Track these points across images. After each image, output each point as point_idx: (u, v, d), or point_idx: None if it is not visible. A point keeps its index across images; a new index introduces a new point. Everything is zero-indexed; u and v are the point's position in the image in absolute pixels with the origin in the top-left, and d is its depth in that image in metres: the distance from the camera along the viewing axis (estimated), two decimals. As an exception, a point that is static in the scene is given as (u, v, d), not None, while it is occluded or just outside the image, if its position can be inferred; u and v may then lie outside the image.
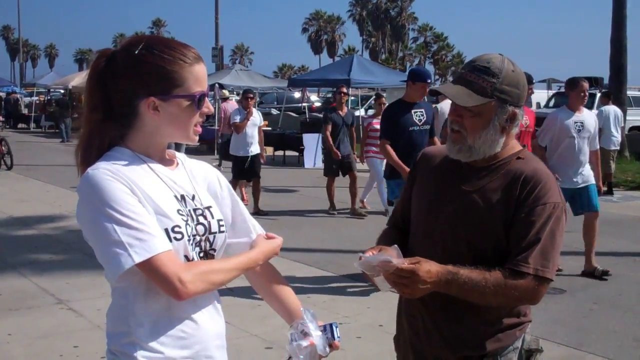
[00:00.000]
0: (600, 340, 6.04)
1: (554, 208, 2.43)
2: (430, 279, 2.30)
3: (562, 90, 27.16)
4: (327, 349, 2.17)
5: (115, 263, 1.89)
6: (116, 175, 1.96)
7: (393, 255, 2.28)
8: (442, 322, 2.58)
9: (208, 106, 2.11)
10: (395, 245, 2.32)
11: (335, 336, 2.20)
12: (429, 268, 2.31)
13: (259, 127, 12.24)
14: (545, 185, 2.46)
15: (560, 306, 6.83)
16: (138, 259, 1.88)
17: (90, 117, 2.09)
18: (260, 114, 12.60)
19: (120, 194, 1.93)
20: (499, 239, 2.46)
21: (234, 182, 11.88)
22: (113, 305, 2.08)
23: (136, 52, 2.04)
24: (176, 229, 2.02)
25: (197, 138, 2.14)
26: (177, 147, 12.82)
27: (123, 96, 2.04)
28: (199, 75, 2.06)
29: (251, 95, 12.25)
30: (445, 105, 16.02)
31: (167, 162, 2.17)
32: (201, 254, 2.11)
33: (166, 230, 1.99)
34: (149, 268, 1.91)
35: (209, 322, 2.14)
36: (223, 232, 2.18)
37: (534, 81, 9.70)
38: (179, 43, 2.09)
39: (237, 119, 11.89)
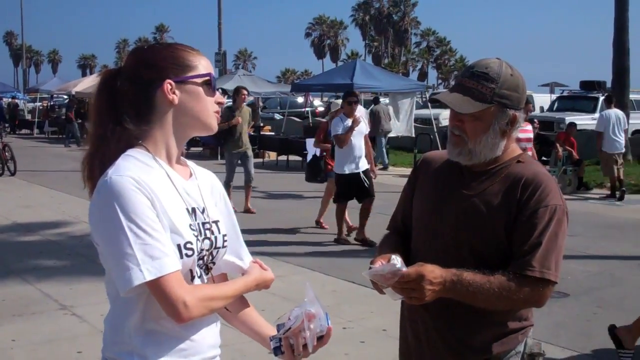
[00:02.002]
0: (604, 344, 6.02)
1: (555, 210, 2.44)
2: (436, 279, 2.30)
3: (565, 94, 27.29)
4: (325, 328, 2.16)
5: (126, 277, 1.87)
6: (140, 185, 1.93)
7: (398, 264, 2.28)
8: (444, 328, 2.57)
9: (219, 96, 2.14)
10: (396, 255, 2.31)
11: (329, 322, 2.18)
12: (432, 269, 2.31)
13: (365, 136, 10.26)
14: (545, 188, 2.46)
15: (564, 310, 6.83)
16: (149, 277, 1.87)
17: (96, 132, 2.09)
18: (365, 120, 10.72)
19: (142, 207, 1.91)
20: (501, 243, 2.46)
21: (341, 207, 10.26)
22: (113, 313, 2.06)
23: (145, 47, 2.11)
24: (188, 245, 2.01)
25: (217, 126, 2.15)
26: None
27: (138, 89, 2.05)
28: (206, 65, 2.12)
29: (355, 99, 10.25)
30: (380, 107, 16.30)
31: (182, 170, 2.16)
32: (203, 267, 2.11)
33: (179, 246, 1.99)
34: (157, 287, 1.90)
35: (207, 332, 2.13)
36: (225, 247, 2.19)
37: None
38: (182, 43, 2.16)
39: (340, 129, 9.90)
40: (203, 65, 2.10)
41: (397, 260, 2.28)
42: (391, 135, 21.19)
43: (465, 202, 2.52)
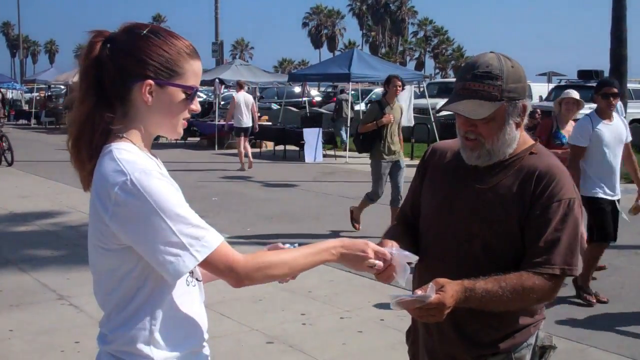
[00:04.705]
0: (602, 334, 6.04)
1: (569, 204, 2.41)
2: (452, 303, 2.28)
3: (563, 83, 27.26)
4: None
5: (177, 265, 1.89)
6: (163, 175, 1.94)
7: (429, 293, 2.23)
8: (456, 322, 2.54)
9: (196, 104, 2.10)
10: (432, 285, 2.25)
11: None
12: (452, 294, 2.27)
13: (627, 146, 7.39)
14: (559, 181, 2.43)
15: (562, 299, 6.82)
16: (201, 257, 1.90)
17: (83, 100, 2.03)
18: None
19: (173, 195, 1.92)
20: (514, 237, 2.43)
21: (599, 249, 7.13)
22: (120, 309, 2.01)
23: (142, 34, 2.02)
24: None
25: (182, 132, 2.14)
26: None
27: (119, 76, 1.99)
28: (196, 70, 2.06)
29: (616, 91, 7.10)
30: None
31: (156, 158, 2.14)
32: None
33: None
34: (210, 263, 1.93)
35: (203, 316, 2.15)
36: None
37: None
38: (180, 36, 2.09)
39: (583, 140, 7.00)
40: (192, 72, 2.05)
41: (432, 291, 2.23)
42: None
43: (478, 196, 2.49)
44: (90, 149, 2.02)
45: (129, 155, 1.97)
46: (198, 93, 2.15)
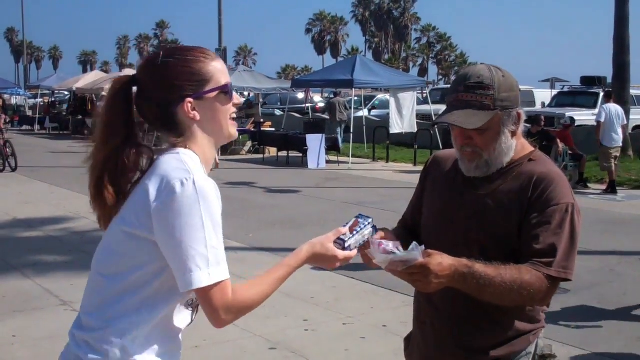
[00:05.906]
0: (605, 340, 6.04)
1: (566, 209, 2.41)
2: (443, 272, 2.25)
3: (566, 89, 27.30)
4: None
5: (194, 276, 1.91)
6: (218, 193, 1.98)
7: (415, 256, 2.22)
8: (454, 328, 2.54)
9: (236, 97, 2.15)
10: (415, 243, 2.26)
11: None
12: (440, 261, 2.26)
13: None
14: (557, 186, 2.43)
15: (564, 305, 6.82)
16: (210, 282, 1.91)
17: (108, 141, 2.05)
18: None
19: (219, 215, 1.96)
20: (513, 242, 2.44)
21: None
22: (122, 299, 2.03)
23: (159, 63, 2.07)
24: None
25: (236, 133, 2.18)
26: None
27: (159, 109, 2.05)
28: (220, 68, 2.12)
29: None
30: (336, 100, 17.72)
31: None
32: None
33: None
34: (208, 292, 1.93)
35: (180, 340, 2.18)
36: None
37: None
38: (192, 46, 2.14)
39: None
40: (218, 71, 2.10)
41: (415, 253, 2.22)
42: (395, 132, 21.23)
43: (477, 203, 2.50)
44: (115, 186, 2.05)
45: (192, 162, 2.01)
46: None
